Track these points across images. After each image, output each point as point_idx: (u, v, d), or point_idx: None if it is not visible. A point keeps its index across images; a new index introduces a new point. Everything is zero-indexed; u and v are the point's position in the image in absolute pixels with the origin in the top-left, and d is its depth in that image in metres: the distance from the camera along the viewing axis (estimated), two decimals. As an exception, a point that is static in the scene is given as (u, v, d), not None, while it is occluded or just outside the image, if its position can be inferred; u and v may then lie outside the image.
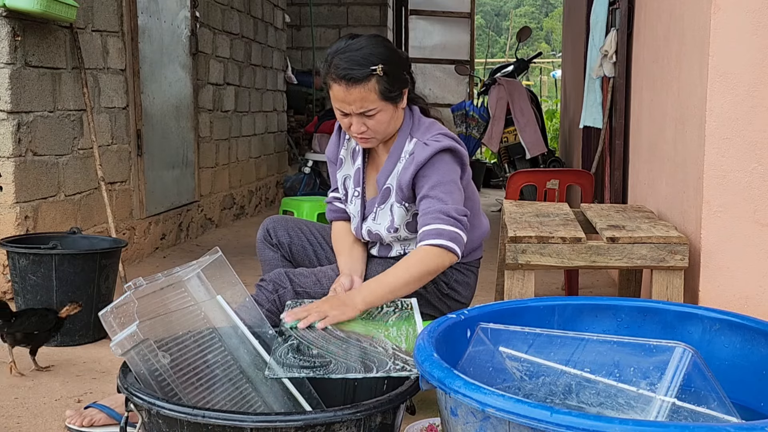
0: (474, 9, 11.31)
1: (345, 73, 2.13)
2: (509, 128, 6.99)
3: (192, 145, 5.59)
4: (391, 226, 2.30)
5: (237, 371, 1.87)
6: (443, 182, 2.18)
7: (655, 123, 3.30)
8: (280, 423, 1.47)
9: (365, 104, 2.16)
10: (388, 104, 2.20)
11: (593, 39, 4.45)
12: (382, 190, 2.32)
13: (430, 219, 2.14)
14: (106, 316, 1.71)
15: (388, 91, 2.17)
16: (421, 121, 2.32)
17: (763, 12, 2.39)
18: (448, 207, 2.15)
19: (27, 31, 3.56)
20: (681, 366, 1.47)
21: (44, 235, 3.35)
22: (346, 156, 2.46)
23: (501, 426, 1.26)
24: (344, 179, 2.46)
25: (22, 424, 2.37)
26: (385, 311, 2.12)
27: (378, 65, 2.13)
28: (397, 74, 2.20)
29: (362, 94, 2.15)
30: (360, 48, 2.16)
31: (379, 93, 2.16)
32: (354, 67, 2.13)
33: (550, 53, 23.69)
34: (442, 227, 2.12)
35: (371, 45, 2.18)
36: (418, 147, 2.23)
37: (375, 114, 2.18)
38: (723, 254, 2.46)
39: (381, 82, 2.15)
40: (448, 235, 2.12)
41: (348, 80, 2.13)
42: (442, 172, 2.19)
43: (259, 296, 2.25)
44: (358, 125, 2.21)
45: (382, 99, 2.17)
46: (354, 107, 2.17)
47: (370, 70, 2.13)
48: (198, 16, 5.59)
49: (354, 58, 2.14)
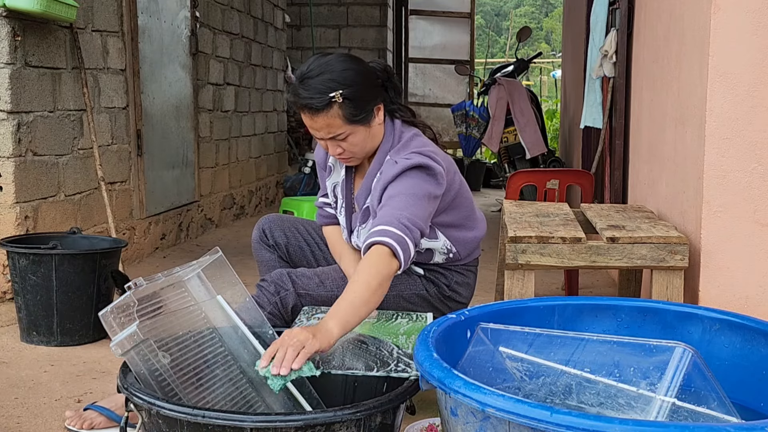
0: (474, 9, 11.30)
1: (305, 103, 2.09)
2: (509, 128, 6.99)
3: (192, 145, 5.59)
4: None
5: (237, 371, 1.87)
6: (403, 194, 2.07)
7: (655, 123, 3.30)
8: (280, 423, 1.47)
9: (332, 130, 2.13)
10: (357, 126, 2.15)
11: (593, 39, 4.45)
12: (362, 209, 2.29)
13: (377, 221, 2.02)
14: (106, 316, 1.71)
15: (353, 116, 2.12)
16: (402, 136, 2.25)
17: (763, 12, 2.39)
18: (400, 213, 2.01)
19: (27, 31, 3.56)
20: (681, 366, 1.47)
21: (44, 235, 3.35)
22: (335, 163, 2.42)
23: (501, 426, 1.26)
24: (334, 186, 2.43)
25: (22, 424, 2.37)
26: (398, 321, 2.11)
27: (336, 92, 2.07)
28: (362, 96, 2.13)
29: (326, 121, 2.11)
30: (320, 74, 2.09)
31: (343, 118, 2.11)
32: (314, 96, 2.08)
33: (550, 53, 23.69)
34: (388, 228, 1.97)
35: (331, 70, 2.10)
36: (387, 165, 2.18)
37: (346, 137, 2.15)
38: (723, 254, 2.46)
39: (344, 108, 2.10)
40: (393, 236, 1.95)
41: (309, 109, 2.10)
42: (407, 186, 2.09)
43: (260, 298, 2.24)
44: (333, 148, 2.19)
45: (348, 123, 2.13)
46: (322, 133, 2.14)
47: (329, 98, 2.07)
48: (198, 16, 5.59)
49: (314, 86, 2.09)
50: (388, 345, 1.89)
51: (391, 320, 2.12)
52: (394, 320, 2.12)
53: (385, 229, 1.95)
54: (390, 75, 2.28)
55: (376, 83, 2.22)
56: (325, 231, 2.50)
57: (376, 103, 2.19)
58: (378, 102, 2.20)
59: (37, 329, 3.11)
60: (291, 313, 2.23)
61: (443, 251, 2.34)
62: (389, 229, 1.95)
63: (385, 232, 1.95)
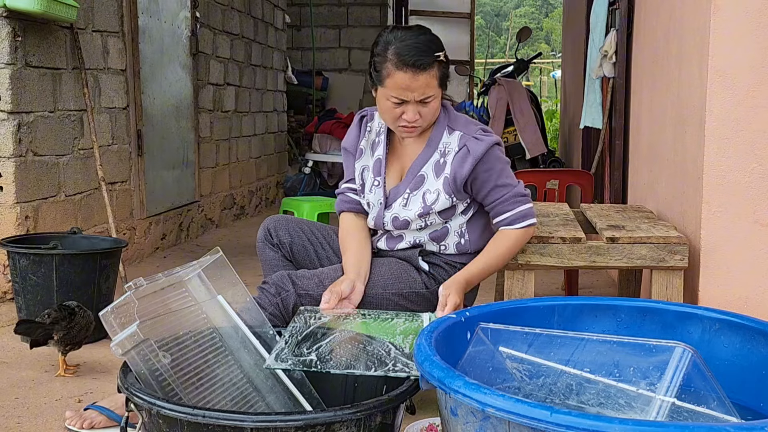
0: (474, 9, 11.30)
1: (414, 60, 2.19)
2: (509, 128, 6.99)
3: (192, 145, 5.60)
4: (424, 212, 2.33)
5: (238, 371, 1.88)
6: (505, 169, 2.34)
7: (655, 123, 3.30)
8: (280, 423, 1.47)
9: (427, 90, 2.23)
10: (440, 91, 2.29)
11: (593, 39, 4.45)
12: (416, 177, 2.36)
13: (510, 205, 2.33)
14: (106, 316, 1.71)
15: (445, 77, 2.28)
16: (457, 115, 2.40)
17: (763, 12, 2.39)
18: (517, 189, 2.34)
19: (27, 31, 3.56)
20: (681, 366, 1.47)
21: (45, 235, 3.35)
22: (366, 147, 2.47)
23: (501, 426, 1.26)
24: (362, 170, 2.46)
25: (23, 423, 2.37)
26: (395, 321, 2.12)
27: (441, 51, 2.24)
28: (448, 63, 2.31)
29: (427, 80, 2.22)
30: (420, 36, 2.25)
31: (438, 79, 2.25)
32: (422, 55, 2.20)
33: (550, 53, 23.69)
34: (523, 208, 2.34)
35: (429, 34, 2.28)
36: (470, 142, 2.31)
37: (431, 101, 2.26)
38: (723, 254, 2.46)
39: (441, 69, 2.25)
40: (530, 214, 2.35)
41: (417, 67, 2.20)
42: (501, 160, 2.34)
43: (261, 299, 2.24)
44: (413, 113, 2.26)
45: (439, 85, 2.27)
46: (416, 94, 2.23)
47: (435, 57, 2.22)
48: (198, 17, 5.59)
49: (419, 47, 2.21)
50: (385, 345, 1.89)
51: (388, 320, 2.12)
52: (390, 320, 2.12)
53: (523, 210, 2.34)
54: None
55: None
56: (342, 218, 2.53)
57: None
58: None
59: (37, 329, 3.11)
60: (292, 313, 2.24)
61: (457, 232, 2.39)
62: (525, 209, 2.34)
63: (525, 214, 2.35)
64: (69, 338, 2.69)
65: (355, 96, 9.80)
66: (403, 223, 2.37)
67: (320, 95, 9.60)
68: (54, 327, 2.66)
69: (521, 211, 2.34)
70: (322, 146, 7.79)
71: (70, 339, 2.69)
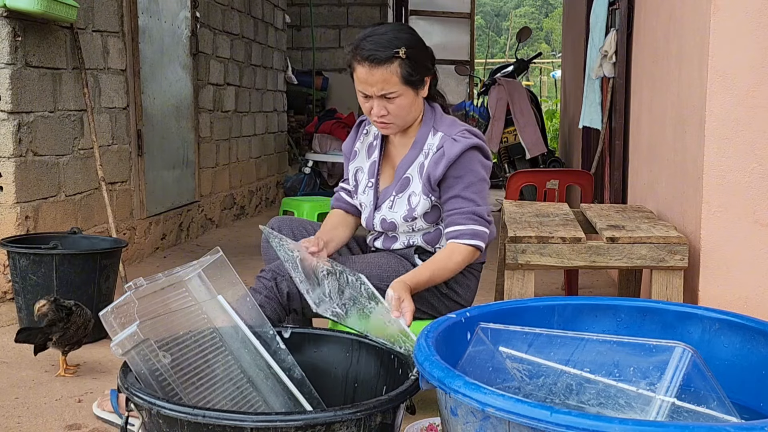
0: (474, 9, 11.31)
1: (369, 54, 2.21)
2: (509, 128, 7.00)
3: (192, 145, 5.60)
4: (408, 215, 2.33)
5: (238, 371, 1.88)
6: (474, 183, 2.27)
7: (655, 123, 3.30)
8: (280, 423, 1.47)
9: (386, 86, 2.22)
10: (408, 89, 2.25)
11: (593, 39, 4.45)
12: (401, 179, 2.36)
13: (464, 219, 2.25)
14: (106, 316, 1.71)
15: (409, 75, 2.23)
16: (444, 116, 2.37)
17: (763, 12, 2.39)
18: (480, 209, 2.26)
19: (27, 31, 3.56)
20: (681, 366, 1.47)
21: (45, 235, 3.35)
22: (360, 149, 2.50)
23: (501, 426, 1.26)
24: (356, 171, 2.50)
25: (23, 423, 2.37)
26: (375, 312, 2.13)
27: (401, 48, 2.20)
28: (419, 60, 2.26)
29: (384, 76, 2.21)
30: (385, 32, 2.24)
31: (400, 76, 2.22)
32: (378, 49, 2.21)
33: (550, 53, 23.69)
34: (476, 228, 2.24)
35: (396, 30, 2.27)
36: (447, 142, 2.28)
37: (395, 98, 2.24)
38: (723, 254, 2.46)
39: (403, 66, 2.22)
40: (481, 237, 2.25)
41: (371, 61, 2.20)
42: (474, 171, 2.27)
43: (257, 285, 2.26)
44: (379, 108, 2.26)
45: (403, 83, 2.23)
46: (375, 89, 2.23)
47: (393, 53, 2.20)
48: (198, 17, 5.59)
49: (379, 41, 2.22)
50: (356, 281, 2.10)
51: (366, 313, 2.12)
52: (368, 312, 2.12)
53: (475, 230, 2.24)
54: (435, 62, 2.39)
55: (430, 57, 2.34)
56: (330, 213, 2.58)
57: (427, 74, 2.31)
58: (429, 74, 2.32)
59: (37, 329, 3.11)
60: (287, 298, 2.25)
61: None
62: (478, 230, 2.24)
63: (476, 233, 2.24)
64: (67, 338, 2.69)
65: (355, 96, 9.79)
66: (391, 226, 2.38)
67: (320, 95, 9.61)
68: (51, 329, 2.66)
69: (473, 230, 2.24)
70: (322, 146, 7.80)
71: (68, 339, 2.69)
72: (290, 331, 2.01)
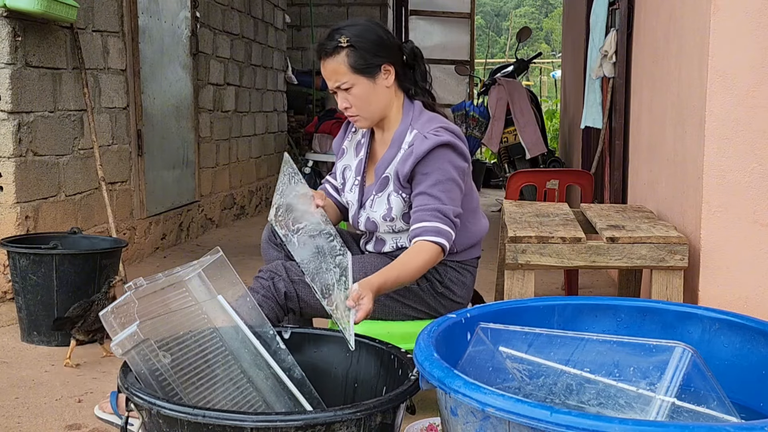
0: (474, 9, 11.29)
1: (318, 48, 2.29)
2: (509, 128, 6.99)
3: (192, 145, 5.60)
4: (387, 215, 2.32)
5: (238, 371, 1.88)
6: (442, 181, 2.22)
7: (655, 123, 3.30)
8: (280, 422, 1.47)
9: (338, 77, 2.26)
10: (361, 77, 2.26)
11: (593, 39, 4.45)
12: (381, 178, 2.35)
13: (428, 216, 2.20)
14: (106, 316, 1.71)
15: (357, 64, 2.24)
16: (423, 113, 2.36)
17: (763, 12, 2.39)
18: (446, 207, 2.20)
19: (27, 31, 3.56)
20: (681, 366, 1.47)
21: (45, 235, 3.35)
22: (348, 147, 2.51)
23: (501, 426, 1.26)
24: (344, 169, 2.50)
25: (23, 423, 2.37)
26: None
27: (342, 37, 2.24)
28: (369, 48, 2.26)
29: (333, 67, 2.26)
30: (336, 27, 2.31)
31: (348, 66, 2.24)
32: (325, 41, 2.27)
33: (550, 53, 23.69)
34: (440, 226, 2.18)
35: (348, 23, 2.32)
36: (417, 139, 2.27)
37: (350, 88, 2.27)
38: (723, 254, 2.46)
39: (350, 55, 2.24)
40: (445, 236, 2.18)
41: (320, 53, 2.28)
42: (442, 170, 2.22)
43: (255, 284, 2.26)
44: (341, 101, 2.31)
45: (353, 72, 2.25)
46: (331, 82, 2.29)
47: (336, 43, 2.25)
48: (198, 17, 5.59)
49: (327, 35, 2.29)
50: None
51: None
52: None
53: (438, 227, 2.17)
54: (417, 57, 2.39)
55: (392, 47, 2.33)
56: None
57: (384, 62, 2.29)
58: (387, 62, 2.30)
59: (37, 329, 3.11)
60: (284, 297, 2.26)
61: None
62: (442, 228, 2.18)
63: (440, 231, 2.17)
64: (87, 326, 2.85)
65: (355, 96, 9.79)
66: (373, 225, 2.37)
67: (320, 95, 9.60)
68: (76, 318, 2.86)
69: (437, 227, 2.17)
70: (322, 146, 7.79)
71: (88, 326, 2.85)
72: (290, 331, 2.01)
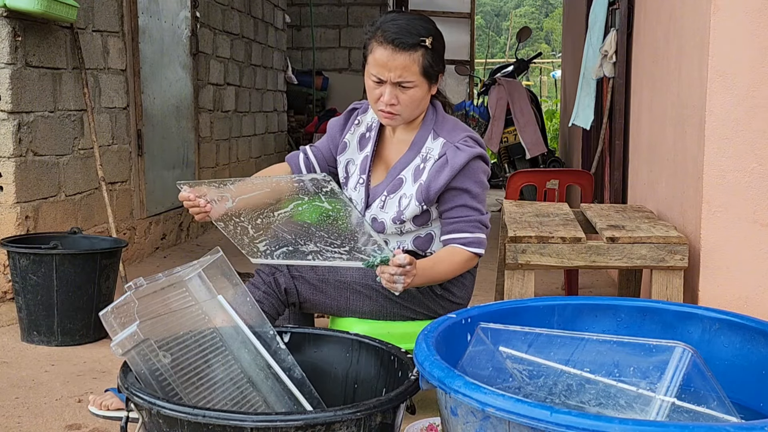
0: (474, 9, 11.30)
1: (394, 37, 2.15)
2: (509, 128, 7.00)
3: (192, 145, 5.60)
4: (397, 218, 2.28)
5: (238, 371, 1.88)
6: (480, 193, 2.27)
7: (655, 123, 3.30)
8: (281, 422, 1.47)
9: (405, 74, 2.17)
10: (425, 81, 2.21)
11: (590, 39, 4.45)
12: (395, 179, 2.31)
13: (472, 228, 2.25)
14: (106, 316, 1.71)
15: (429, 67, 2.19)
16: (446, 118, 2.33)
17: (763, 12, 2.39)
18: (484, 218, 2.27)
19: (27, 31, 3.57)
20: (681, 366, 1.47)
21: (45, 235, 3.35)
22: (351, 140, 2.44)
23: (501, 426, 1.26)
24: (347, 163, 2.44)
25: (23, 423, 2.37)
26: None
27: (428, 37, 2.17)
28: (440, 54, 2.23)
29: (405, 63, 2.16)
30: (412, 20, 2.21)
31: (421, 66, 2.17)
32: (405, 34, 2.16)
33: (550, 53, 23.69)
34: (481, 237, 2.26)
35: (423, 20, 2.24)
36: (449, 150, 2.23)
37: (411, 88, 2.19)
38: (723, 254, 2.46)
39: (426, 56, 2.18)
40: (483, 245, 2.27)
41: (396, 45, 2.15)
42: (479, 182, 2.26)
43: (255, 280, 2.26)
44: (390, 96, 2.19)
45: (422, 73, 2.19)
46: (393, 74, 2.17)
47: (420, 40, 2.16)
48: (198, 17, 5.59)
49: (406, 27, 2.17)
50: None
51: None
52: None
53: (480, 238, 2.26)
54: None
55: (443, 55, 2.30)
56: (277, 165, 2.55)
57: (443, 69, 2.28)
58: (442, 71, 2.28)
59: (37, 329, 3.11)
60: (284, 293, 2.25)
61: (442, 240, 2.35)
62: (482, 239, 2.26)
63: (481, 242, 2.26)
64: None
65: (355, 96, 9.80)
66: (380, 226, 2.33)
67: (320, 95, 9.61)
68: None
69: (479, 238, 2.25)
70: (322, 146, 7.80)
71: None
72: (290, 333, 2.01)
